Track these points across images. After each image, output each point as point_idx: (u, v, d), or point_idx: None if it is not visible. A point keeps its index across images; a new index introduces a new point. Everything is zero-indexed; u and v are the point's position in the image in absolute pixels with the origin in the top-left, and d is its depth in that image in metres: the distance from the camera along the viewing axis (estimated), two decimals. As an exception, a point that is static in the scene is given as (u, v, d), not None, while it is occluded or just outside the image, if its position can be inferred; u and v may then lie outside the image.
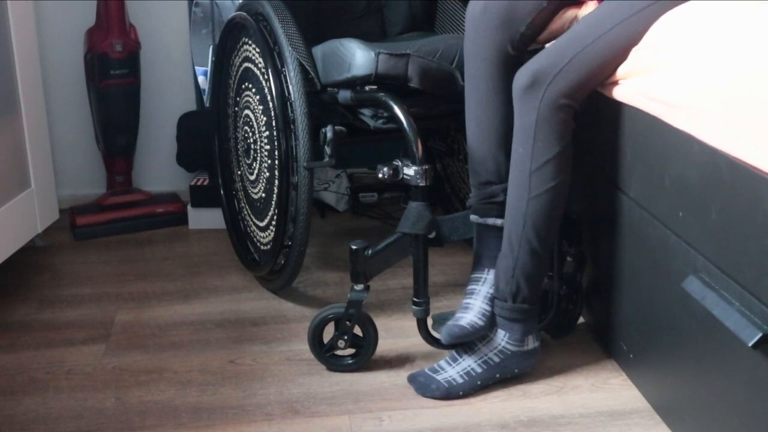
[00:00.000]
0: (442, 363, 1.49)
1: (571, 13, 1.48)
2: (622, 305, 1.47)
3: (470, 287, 1.51)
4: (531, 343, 1.47)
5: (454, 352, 1.49)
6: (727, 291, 1.10)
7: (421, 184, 1.47)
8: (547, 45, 1.46)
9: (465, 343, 1.48)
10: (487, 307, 1.47)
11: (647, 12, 1.30)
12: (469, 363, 1.46)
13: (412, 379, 1.48)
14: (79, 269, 2.07)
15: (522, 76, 1.36)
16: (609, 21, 1.33)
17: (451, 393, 1.44)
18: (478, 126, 1.49)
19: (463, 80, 1.58)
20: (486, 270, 1.49)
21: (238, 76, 1.94)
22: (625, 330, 1.47)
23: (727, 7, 1.16)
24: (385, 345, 1.61)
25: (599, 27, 1.34)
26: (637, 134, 1.35)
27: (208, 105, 2.38)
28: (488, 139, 1.47)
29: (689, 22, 1.22)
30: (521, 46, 1.47)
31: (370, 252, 1.49)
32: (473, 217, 1.52)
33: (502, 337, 1.46)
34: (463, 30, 1.50)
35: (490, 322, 1.46)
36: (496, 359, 1.46)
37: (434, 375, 1.46)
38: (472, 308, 1.48)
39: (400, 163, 1.50)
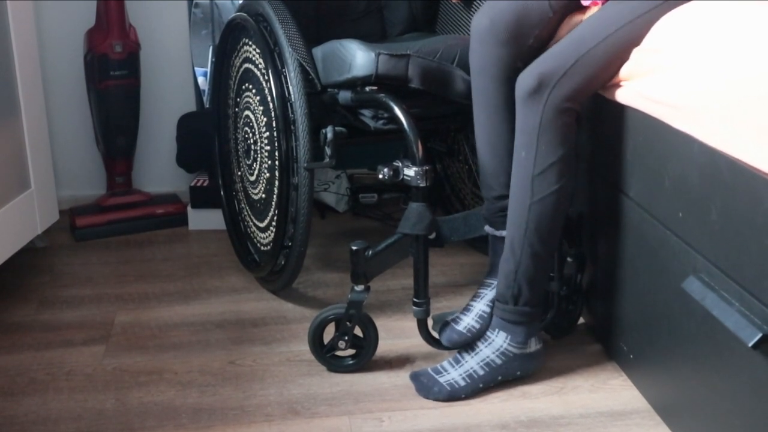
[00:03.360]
0: (445, 364, 1.49)
1: (576, 19, 1.48)
2: (622, 306, 1.47)
3: (479, 290, 1.53)
4: (533, 346, 1.47)
5: (456, 354, 1.49)
6: (727, 291, 1.10)
7: (421, 185, 1.47)
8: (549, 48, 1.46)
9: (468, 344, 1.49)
10: (487, 309, 1.48)
11: (651, 14, 1.30)
12: (471, 365, 1.46)
13: (415, 378, 1.48)
14: (79, 270, 2.07)
15: (525, 80, 1.35)
16: (613, 23, 1.33)
17: (453, 396, 1.44)
18: (489, 141, 1.49)
19: (463, 81, 1.59)
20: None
21: (238, 77, 1.94)
22: (625, 330, 1.48)
23: (727, 7, 1.16)
24: (386, 346, 1.61)
25: (603, 29, 1.33)
26: (637, 135, 1.35)
27: (208, 106, 2.38)
28: (500, 153, 1.47)
29: (689, 23, 1.23)
30: (529, 60, 1.46)
31: (370, 253, 1.49)
32: (488, 229, 1.53)
33: (504, 340, 1.46)
34: (464, 30, 1.50)
35: (487, 323, 1.47)
36: (498, 361, 1.46)
37: (437, 376, 1.46)
38: (472, 310, 1.49)
39: (400, 164, 1.50)
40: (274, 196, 1.75)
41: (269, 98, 1.71)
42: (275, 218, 1.75)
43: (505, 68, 1.45)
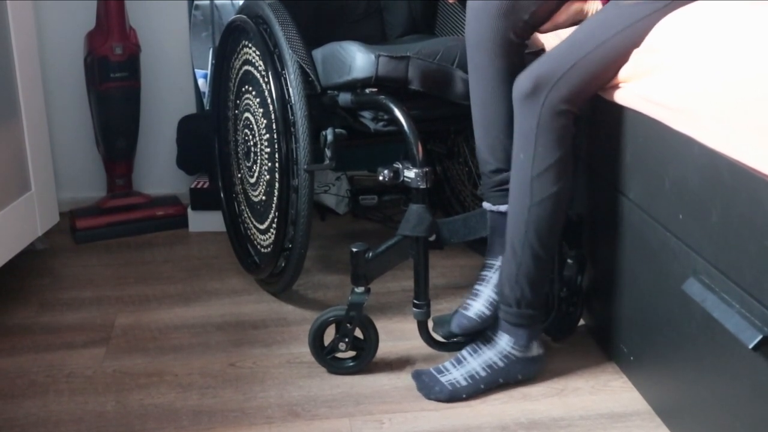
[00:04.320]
0: (447, 365, 1.48)
1: (576, 6, 1.48)
2: (623, 307, 1.47)
3: (482, 273, 1.52)
4: (535, 350, 1.47)
5: (458, 355, 1.49)
6: (727, 293, 1.10)
7: (421, 187, 1.47)
8: (548, 48, 1.46)
9: (470, 345, 1.49)
10: (495, 296, 1.47)
11: (651, 18, 1.29)
12: (473, 366, 1.46)
13: (416, 376, 1.48)
14: (80, 272, 2.07)
15: (523, 82, 1.36)
16: (612, 27, 1.32)
17: (454, 396, 1.44)
18: (485, 115, 1.48)
19: (463, 82, 1.59)
20: (499, 257, 1.49)
21: (238, 79, 1.94)
22: (626, 332, 1.47)
23: (726, 8, 1.16)
24: (386, 347, 1.61)
25: (602, 33, 1.33)
26: (637, 137, 1.35)
27: (208, 108, 2.38)
28: (496, 126, 1.47)
29: (688, 24, 1.23)
30: (524, 34, 1.46)
31: (370, 254, 1.49)
32: (486, 205, 1.52)
33: (507, 342, 1.46)
34: (463, 32, 1.50)
35: (497, 311, 1.47)
36: (501, 364, 1.46)
37: (438, 376, 1.46)
38: (481, 296, 1.48)
39: (400, 166, 1.50)
40: (275, 198, 1.75)
41: (269, 100, 1.71)
42: (275, 220, 1.75)
43: (500, 40, 1.44)
